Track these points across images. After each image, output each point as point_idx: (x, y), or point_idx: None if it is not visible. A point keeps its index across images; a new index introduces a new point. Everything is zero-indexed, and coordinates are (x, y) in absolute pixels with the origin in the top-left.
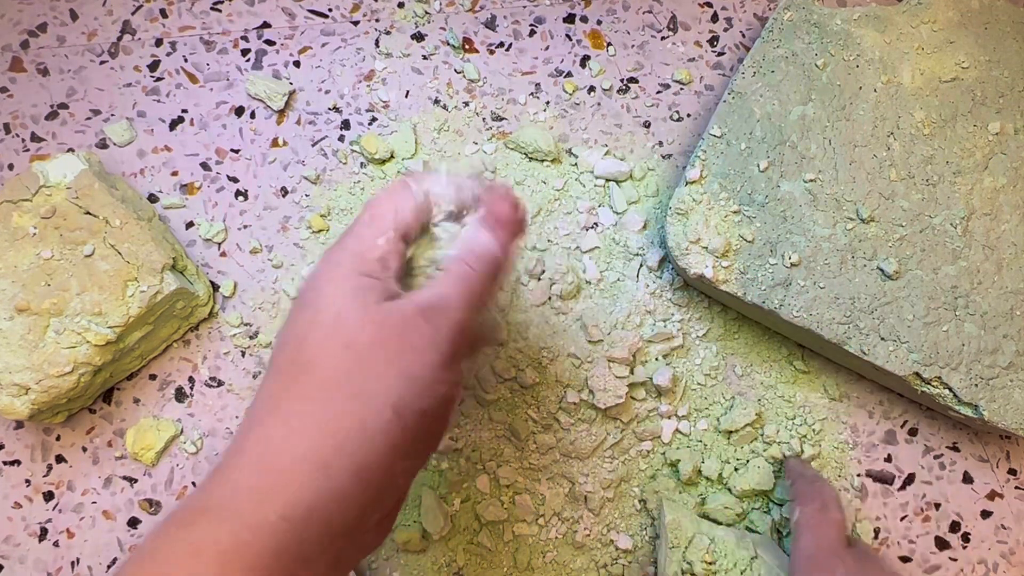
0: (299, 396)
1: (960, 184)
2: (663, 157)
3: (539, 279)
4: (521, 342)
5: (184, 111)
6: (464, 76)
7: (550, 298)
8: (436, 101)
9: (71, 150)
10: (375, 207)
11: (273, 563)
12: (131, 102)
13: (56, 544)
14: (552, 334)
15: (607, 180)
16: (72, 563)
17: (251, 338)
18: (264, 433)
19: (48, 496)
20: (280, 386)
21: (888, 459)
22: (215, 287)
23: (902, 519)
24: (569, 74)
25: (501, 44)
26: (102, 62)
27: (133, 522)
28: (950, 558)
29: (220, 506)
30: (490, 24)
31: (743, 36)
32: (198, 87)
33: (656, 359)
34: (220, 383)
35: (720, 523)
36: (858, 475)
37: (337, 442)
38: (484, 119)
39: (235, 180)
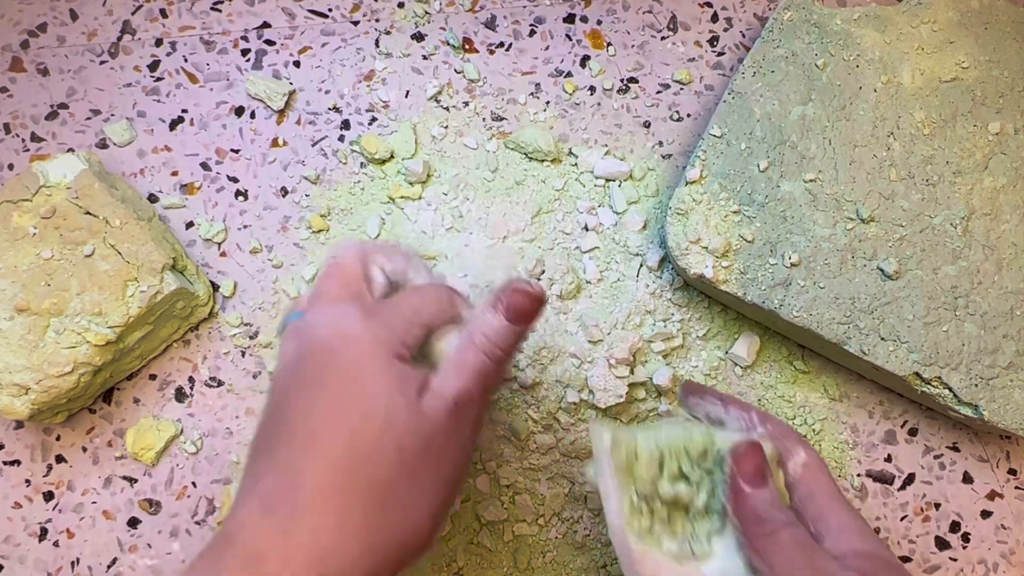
0: (358, 496)
1: (960, 184)
2: (663, 157)
3: (539, 279)
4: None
5: (184, 111)
6: (464, 76)
7: (550, 298)
8: (436, 101)
9: (71, 150)
10: (428, 294)
11: None
12: (131, 102)
13: (56, 544)
14: (552, 334)
15: (607, 180)
16: (72, 563)
17: (251, 338)
18: (316, 524)
19: (48, 496)
20: (335, 475)
21: (888, 459)
22: (215, 287)
23: (902, 519)
24: (569, 74)
25: (501, 44)
26: (102, 62)
27: (133, 522)
28: (950, 558)
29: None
30: (490, 24)
31: (743, 36)
32: (198, 87)
33: (656, 359)
34: (220, 383)
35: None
36: (858, 475)
37: (384, 555)
38: (484, 119)
39: (235, 180)
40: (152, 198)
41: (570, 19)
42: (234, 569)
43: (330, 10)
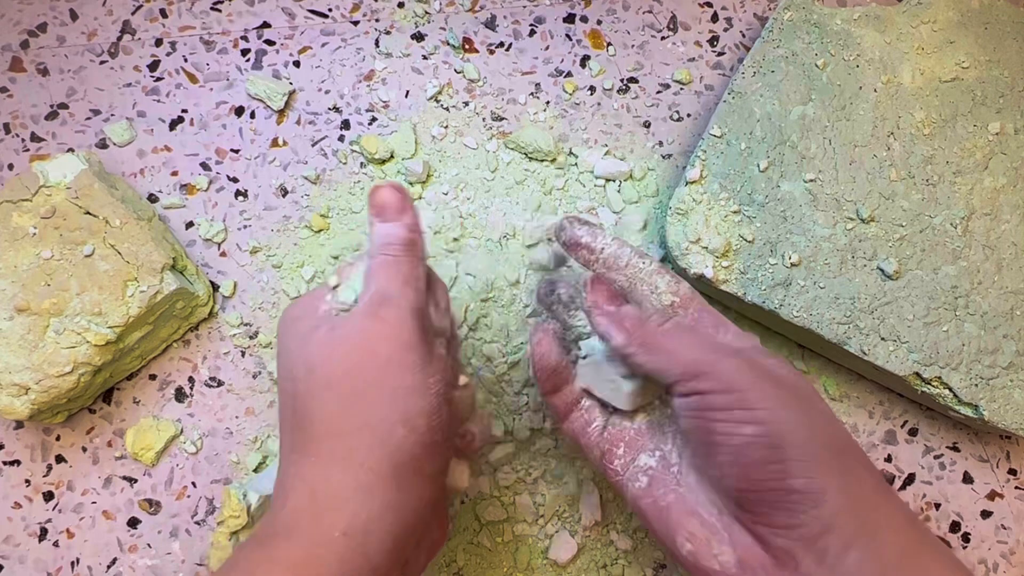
0: (313, 448)
1: (960, 184)
2: (663, 157)
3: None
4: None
5: (184, 111)
6: (464, 76)
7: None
8: (436, 101)
9: (71, 150)
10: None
11: (340, 572)
12: (131, 102)
13: (56, 544)
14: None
15: (607, 180)
16: (72, 563)
17: (251, 338)
18: (302, 472)
19: (48, 496)
20: (290, 439)
21: (888, 459)
22: (215, 287)
23: None
24: (569, 74)
25: (501, 44)
26: (102, 62)
27: (133, 522)
28: None
29: (287, 528)
30: (490, 24)
31: (743, 36)
32: (198, 87)
33: None
34: (220, 383)
35: None
36: None
37: (368, 471)
38: (484, 119)
39: (235, 180)
40: (152, 198)
41: (570, 19)
42: (310, 532)
43: (330, 10)
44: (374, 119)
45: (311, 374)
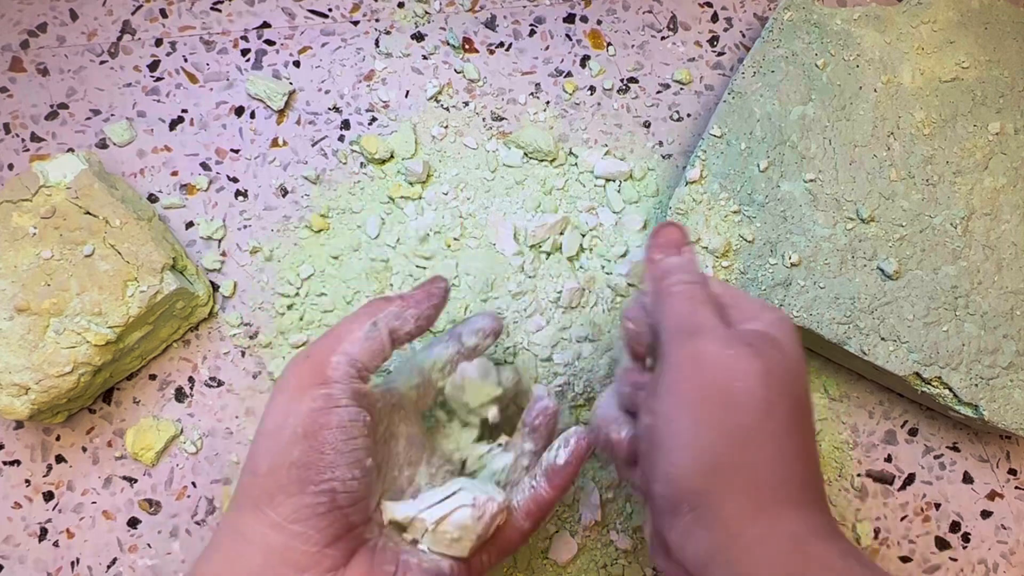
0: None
1: (960, 184)
2: (663, 157)
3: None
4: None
5: (184, 111)
6: (464, 76)
7: (560, 297)
8: (436, 101)
9: (71, 150)
10: (338, 327)
11: None
12: (131, 102)
13: (56, 544)
14: (554, 337)
15: (607, 180)
16: (72, 563)
17: (251, 338)
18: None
19: (48, 496)
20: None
21: (888, 459)
22: (215, 287)
23: (902, 519)
24: (569, 74)
25: (501, 44)
26: (102, 62)
27: (133, 522)
28: (950, 558)
29: None
30: (490, 24)
31: (743, 36)
32: (198, 87)
33: None
34: (220, 383)
35: None
36: (858, 475)
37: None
38: (484, 119)
39: (235, 180)
40: (152, 198)
41: (570, 19)
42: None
43: (330, 10)
44: (374, 119)
45: (277, 433)
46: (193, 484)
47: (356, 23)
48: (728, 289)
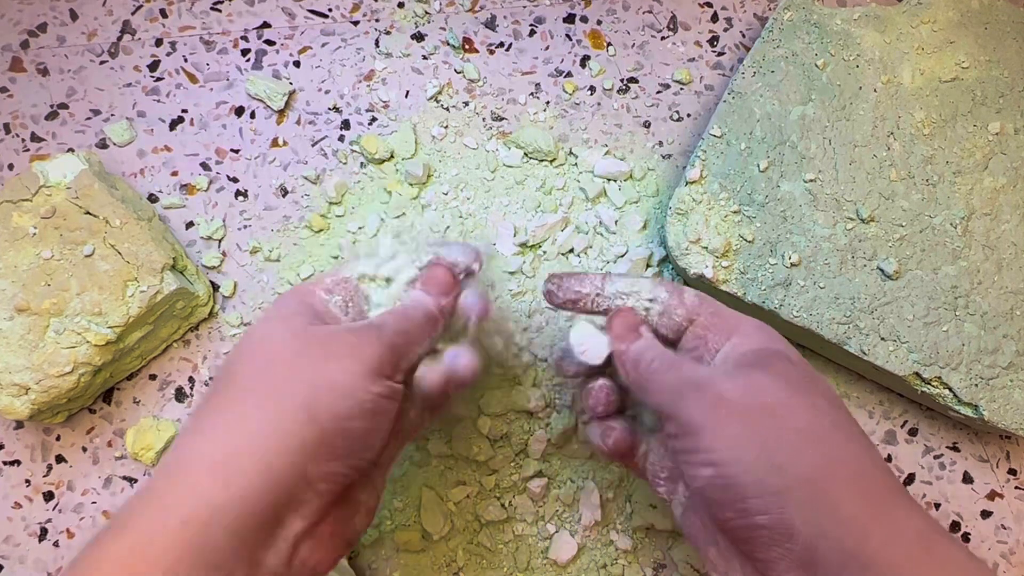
0: (215, 407)
1: (960, 184)
2: (663, 157)
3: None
4: (524, 341)
5: (184, 111)
6: (464, 76)
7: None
8: (436, 101)
9: (71, 150)
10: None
11: (174, 568)
12: (131, 102)
13: (56, 544)
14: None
15: (607, 180)
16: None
17: None
18: (178, 443)
19: (48, 496)
20: (202, 401)
21: (888, 459)
22: (215, 287)
23: None
24: (569, 74)
25: (501, 44)
26: (102, 62)
27: None
28: None
29: (128, 518)
30: (490, 24)
31: (743, 36)
32: (198, 87)
33: None
34: None
35: None
36: None
37: (242, 442)
38: (484, 119)
39: (235, 180)
40: (152, 198)
41: (570, 19)
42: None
43: (330, 10)
44: (374, 119)
45: (262, 344)
46: None
47: (356, 23)
48: (702, 306)
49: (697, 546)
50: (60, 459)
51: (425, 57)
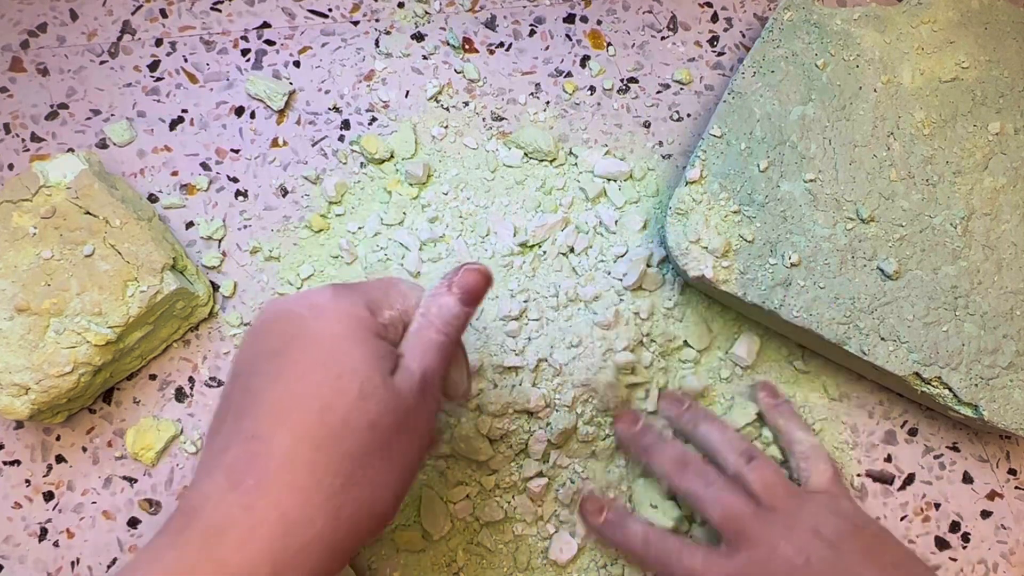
0: (326, 470)
1: (960, 184)
2: (663, 157)
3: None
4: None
5: (184, 111)
6: (464, 76)
7: (557, 294)
8: (436, 101)
9: (71, 150)
10: (395, 281)
11: None
12: (131, 102)
13: (56, 544)
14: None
15: (607, 180)
16: (72, 563)
17: None
18: (281, 498)
19: (48, 496)
20: (304, 448)
21: (888, 459)
22: (215, 287)
23: (902, 519)
24: (569, 74)
25: (501, 44)
26: (102, 62)
27: (133, 522)
28: (950, 558)
29: (179, 530)
30: (490, 24)
31: (743, 36)
32: (198, 87)
33: (656, 359)
34: (220, 383)
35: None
36: (858, 475)
37: (348, 530)
38: (484, 119)
39: (235, 180)
40: (152, 198)
41: (570, 19)
42: (196, 545)
43: (330, 10)
44: (374, 119)
45: (363, 402)
46: None
47: (356, 23)
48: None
49: None
50: (60, 459)
51: (425, 57)
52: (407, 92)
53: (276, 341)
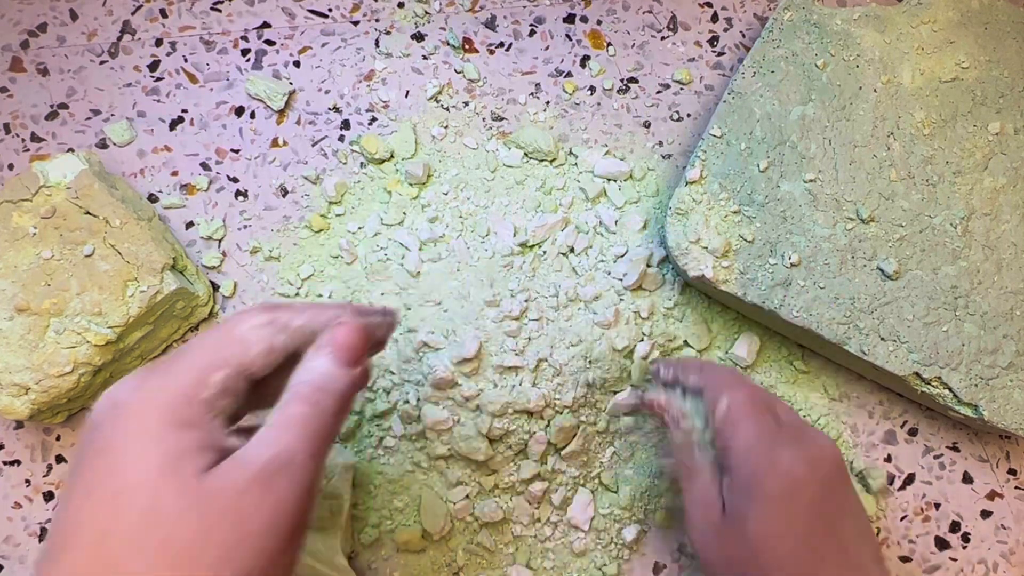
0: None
1: (960, 184)
2: (663, 157)
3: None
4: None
5: (184, 111)
6: (464, 76)
7: (557, 294)
8: (436, 101)
9: (71, 150)
10: (217, 332)
11: None
12: (131, 102)
13: None
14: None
15: (607, 180)
16: None
17: None
18: None
19: (48, 496)
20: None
21: (888, 459)
22: (215, 287)
23: (902, 519)
24: (569, 74)
25: (501, 44)
26: (102, 62)
27: None
28: (950, 558)
29: None
30: (490, 24)
31: (743, 36)
32: (198, 87)
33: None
34: None
35: None
36: (858, 475)
37: None
38: (484, 119)
39: (235, 180)
40: (152, 198)
41: (570, 19)
42: None
43: (330, 10)
44: (374, 119)
45: (148, 521)
46: None
47: (356, 23)
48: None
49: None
50: (60, 459)
51: (425, 57)
52: (407, 92)
53: (76, 455)
